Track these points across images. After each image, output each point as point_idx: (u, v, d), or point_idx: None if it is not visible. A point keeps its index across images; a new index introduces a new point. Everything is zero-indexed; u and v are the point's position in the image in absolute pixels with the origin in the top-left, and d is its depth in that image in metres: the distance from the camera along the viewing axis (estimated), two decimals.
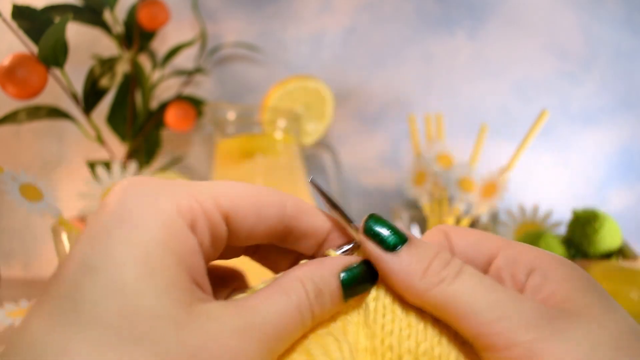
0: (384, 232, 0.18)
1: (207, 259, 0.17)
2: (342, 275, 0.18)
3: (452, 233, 0.20)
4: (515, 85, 0.64)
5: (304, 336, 0.17)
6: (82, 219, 0.47)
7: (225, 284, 0.21)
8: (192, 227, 0.15)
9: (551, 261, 0.17)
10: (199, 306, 0.14)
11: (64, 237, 0.36)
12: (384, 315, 0.18)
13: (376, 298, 0.19)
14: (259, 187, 0.18)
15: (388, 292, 0.19)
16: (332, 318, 0.18)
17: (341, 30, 0.65)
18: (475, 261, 0.19)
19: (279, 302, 0.16)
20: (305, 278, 0.17)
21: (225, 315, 0.14)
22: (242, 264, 0.22)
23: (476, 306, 0.16)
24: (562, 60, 0.63)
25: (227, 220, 0.17)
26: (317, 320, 0.17)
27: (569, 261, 0.18)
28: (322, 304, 0.17)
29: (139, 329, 0.13)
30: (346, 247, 0.19)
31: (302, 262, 0.18)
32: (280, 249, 0.21)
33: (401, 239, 0.18)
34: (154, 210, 0.15)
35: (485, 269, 0.19)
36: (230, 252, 0.20)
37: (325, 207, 0.20)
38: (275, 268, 0.21)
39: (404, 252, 0.17)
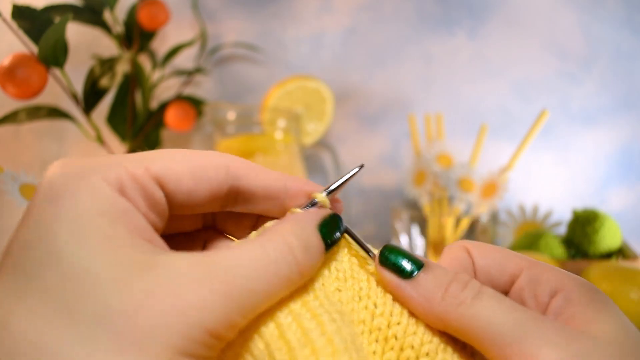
0: (400, 260, 0.18)
1: (152, 224, 0.16)
2: (320, 227, 0.18)
3: (474, 250, 0.19)
4: (515, 85, 0.64)
5: (299, 296, 0.17)
6: None
7: (195, 239, 0.20)
8: (121, 192, 0.15)
9: (574, 284, 0.17)
10: (146, 259, 0.14)
11: None
12: (393, 304, 0.18)
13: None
14: (198, 152, 0.17)
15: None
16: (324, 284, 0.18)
17: (341, 30, 0.65)
18: (497, 280, 0.19)
19: (251, 253, 0.15)
20: (286, 232, 0.16)
21: (179, 264, 0.14)
22: None
23: (497, 327, 0.16)
24: (562, 60, 0.63)
25: (161, 184, 0.16)
26: (306, 276, 0.16)
27: (591, 284, 0.18)
28: (309, 257, 0.16)
29: (76, 291, 0.13)
30: (307, 206, 0.19)
31: (270, 223, 0.18)
32: (240, 216, 0.20)
33: (417, 265, 0.18)
34: (81, 183, 0.15)
35: (507, 288, 0.19)
36: (186, 221, 0.20)
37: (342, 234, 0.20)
38: (239, 235, 0.21)
39: (420, 277, 0.17)
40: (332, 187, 0.20)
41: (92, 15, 0.52)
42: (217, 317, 0.13)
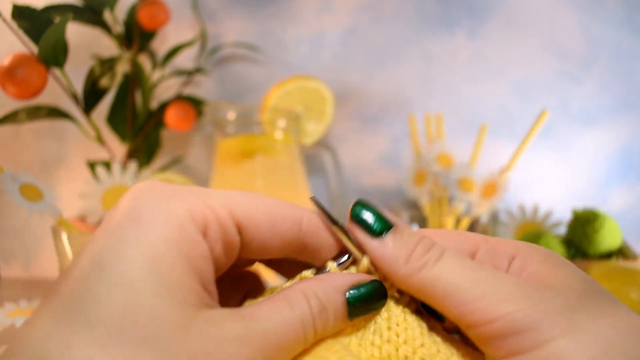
0: (370, 218, 0.18)
1: (218, 267, 0.16)
2: (349, 292, 0.17)
3: (432, 235, 0.20)
4: (515, 85, 0.64)
5: (306, 350, 0.17)
6: (82, 219, 0.47)
7: (239, 285, 0.21)
8: (204, 233, 0.15)
9: (530, 248, 0.18)
10: (204, 311, 0.14)
11: (64, 237, 0.36)
12: (397, 324, 0.18)
13: (387, 308, 0.19)
14: (276, 200, 0.18)
15: (398, 301, 0.19)
16: (337, 334, 0.18)
17: (341, 30, 0.65)
18: None
19: (281, 313, 0.16)
20: (309, 292, 0.17)
21: (227, 322, 0.14)
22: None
23: (458, 286, 0.16)
24: (562, 60, 0.63)
25: (240, 230, 0.17)
26: (319, 335, 0.17)
27: (545, 248, 0.18)
28: (324, 320, 0.17)
29: (141, 329, 0.13)
30: (343, 260, 0.19)
31: (306, 272, 0.19)
32: (295, 261, 0.21)
33: (386, 225, 0.18)
34: (166, 213, 0.15)
35: None
36: (245, 262, 0.20)
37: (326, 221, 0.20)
38: (289, 275, 0.21)
39: (389, 238, 0.18)
40: (342, 260, 0.20)
41: (92, 15, 0.52)
42: None
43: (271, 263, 0.21)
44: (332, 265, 0.19)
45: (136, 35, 0.56)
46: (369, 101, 0.65)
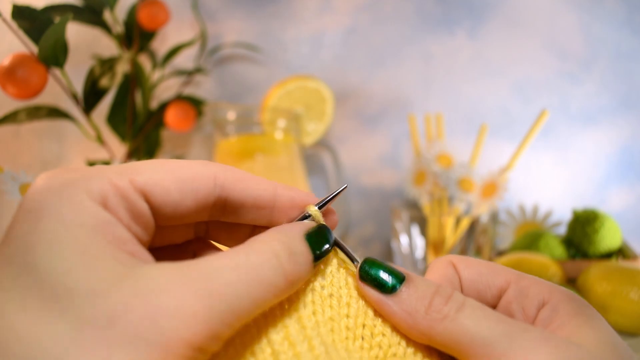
0: (380, 274, 0.18)
1: (136, 236, 0.16)
2: (307, 237, 0.17)
3: (460, 264, 0.19)
4: (515, 85, 0.64)
5: (290, 308, 0.17)
6: None
7: (187, 252, 0.20)
8: (104, 205, 0.15)
9: (561, 296, 0.18)
10: (125, 270, 0.13)
11: None
12: (365, 315, 0.18)
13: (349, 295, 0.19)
14: (186, 162, 0.17)
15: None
16: (301, 297, 0.18)
17: (341, 30, 0.65)
18: (485, 294, 0.19)
19: (233, 260, 0.15)
20: (271, 239, 0.16)
21: (161, 274, 0.13)
22: None
23: (484, 340, 0.16)
24: (562, 60, 0.63)
25: (146, 196, 0.16)
26: (292, 284, 0.16)
27: (579, 297, 0.18)
28: (295, 264, 0.16)
29: (56, 306, 0.13)
30: (303, 218, 0.19)
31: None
32: (233, 227, 0.20)
33: (399, 279, 0.18)
34: (62, 196, 0.14)
35: (495, 302, 0.19)
36: (177, 233, 0.19)
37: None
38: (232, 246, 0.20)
39: (403, 292, 0.17)
40: (324, 202, 0.19)
41: (92, 15, 0.52)
42: (197, 327, 0.13)
43: (208, 234, 0.20)
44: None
45: (136, 35, 0.56)
46: (369, 101, 0.65)
